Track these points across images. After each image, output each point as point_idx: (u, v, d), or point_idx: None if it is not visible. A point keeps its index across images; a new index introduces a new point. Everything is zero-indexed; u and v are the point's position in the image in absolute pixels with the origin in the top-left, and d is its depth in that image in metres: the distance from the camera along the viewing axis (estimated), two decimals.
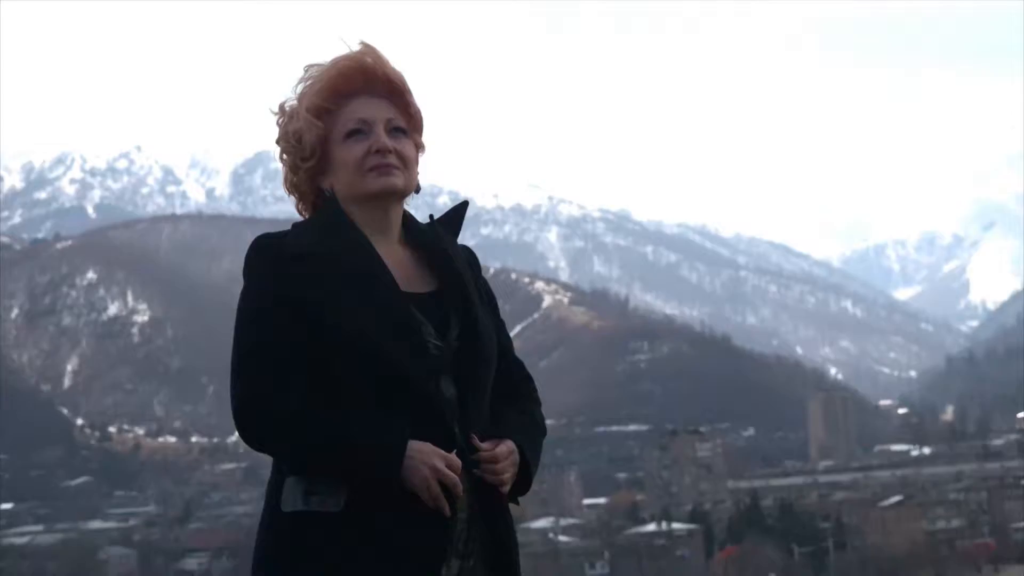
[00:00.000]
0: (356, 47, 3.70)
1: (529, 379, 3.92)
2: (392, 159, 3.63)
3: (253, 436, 3.56)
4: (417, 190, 3.76)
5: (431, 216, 3.84)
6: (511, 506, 3.72)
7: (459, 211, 3.87)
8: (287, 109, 3.73)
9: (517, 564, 3.72)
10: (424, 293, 3.65)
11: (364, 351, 3.49)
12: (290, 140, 3.70)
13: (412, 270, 3.69)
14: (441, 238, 3.75)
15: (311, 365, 3.52)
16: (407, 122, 3.72)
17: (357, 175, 3.63)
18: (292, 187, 3.78)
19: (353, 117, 3.65)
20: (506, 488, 3.63)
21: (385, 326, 3.52)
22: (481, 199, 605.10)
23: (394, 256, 3.67)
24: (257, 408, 3.51)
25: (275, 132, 3.76)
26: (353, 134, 3.64)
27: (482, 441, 3.60)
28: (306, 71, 3.72)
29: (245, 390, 3.52)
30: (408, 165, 3.67)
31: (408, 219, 3.78)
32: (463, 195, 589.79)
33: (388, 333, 3.51)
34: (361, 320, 3.51)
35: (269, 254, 3.59)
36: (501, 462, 3.59)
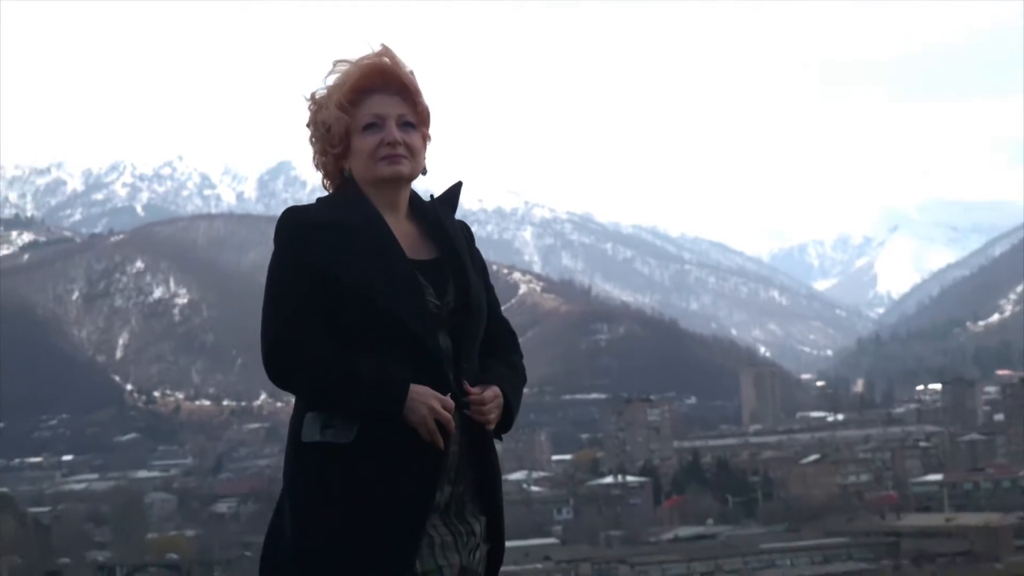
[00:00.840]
0: (377, 48, 3.80)
1: (513, 334, 4.05)
2: (400, 150, 3.73)
3: (279, 375, 3.64)
4: (424, 172, 3.86)
5: (431, 195, 3.92)
6: (495, 442, 3.81)
7: (455, 190, 3.98)
8: (318, 98, 3.82)
9: (499, 490, 3.84)
10: (426, 260, 3.75)
11: (375, 308, 3.60)
12: (319, 128, 3.81)
13: (416, 241, 3.79)
14: (440, 214, 3.87)
15: (329, 318, 3.62)
16: (416, 117, 3.80)
17: (371, 162, 3.74)
18: (320, 165, 3.87)
19: (370, 112, 3.74)
20: (491, 426, 3.73)
21: (393, 287, 3.63)
22: (468, 203, 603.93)
23: (401, 229, 3.77)
24: (283, 351, 3.60)
25: (303, 116, 3.87)
26: (369, 127, 3.73)
27: (472, 386, 3.69)
28: (334, 65, 3.81)
29: (274, 336, 3.62)
30: (415, 154, 3.77)
31: (414, 197, 3.88)
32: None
33: (395, 293, 3.62)
34: (373, 281, 3.62)
35: (297, 223, 3.71)
36: (487, 404, 3.69)
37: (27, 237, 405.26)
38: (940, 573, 79.28)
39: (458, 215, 3.95)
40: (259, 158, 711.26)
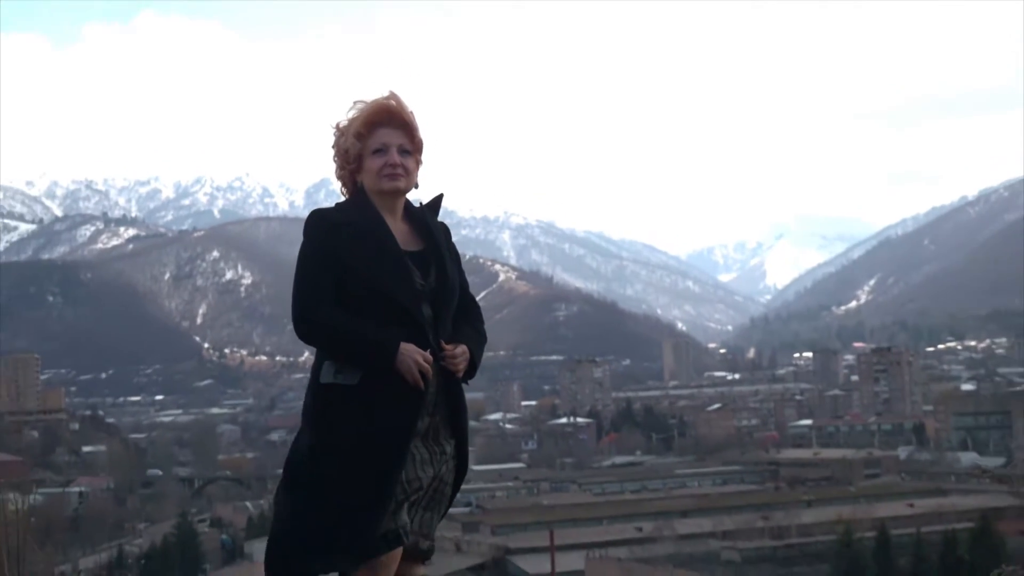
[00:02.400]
0: (387, 93, 4.01)
1: (478, 307, 4.15)
2: (399, 171, 3.92)
3: (304, 334, 3.83)
4: (416, 187, 4.02)
5: (420, 202, 4.08)
6: (463, 385, 4.00)
7: (438, 199, 4.14)
8: (340, 127, 4.01)
9: (466, 421, 4.01)
10: (414, 251, 3.93)
11: (376, 286, 3.80)
12: (340, 151, 4.02)
13: (408, 236, 3.95)
14: (426, 216, 4.04)
15: (341, 292, 3.81)
16: (412, 146, 3.97)
17: (377, 178, 3.92)
18: (339, 178, 4.06)
19: (378, 141, 3.93)
20: (460, 374, 3.92)
21: (389, 270, 3.82)
22: (462, 212, 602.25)
23: (397, 227, 3.94)
24: (306, 316, 3.81)
25: (331, 140, 4.06)
26: (377, 151, 3.92)
27: (446, 344, 3.88)
28: (354, 104, 4.00)
29: (299, 305, 3.82)
30: (409, 174, 3.94)
31: (408, 204, 4.04)
32: (449, 206, 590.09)
33: (391, 275, 3.82)
34: (374, 266, 3.82)
35: (319, 221, 3.89)
36: (458, 358, 3.88)
37: (131, 232, 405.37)
38: (808, 493, 79.40)
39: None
40: (306, 176, 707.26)
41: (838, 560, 52.11)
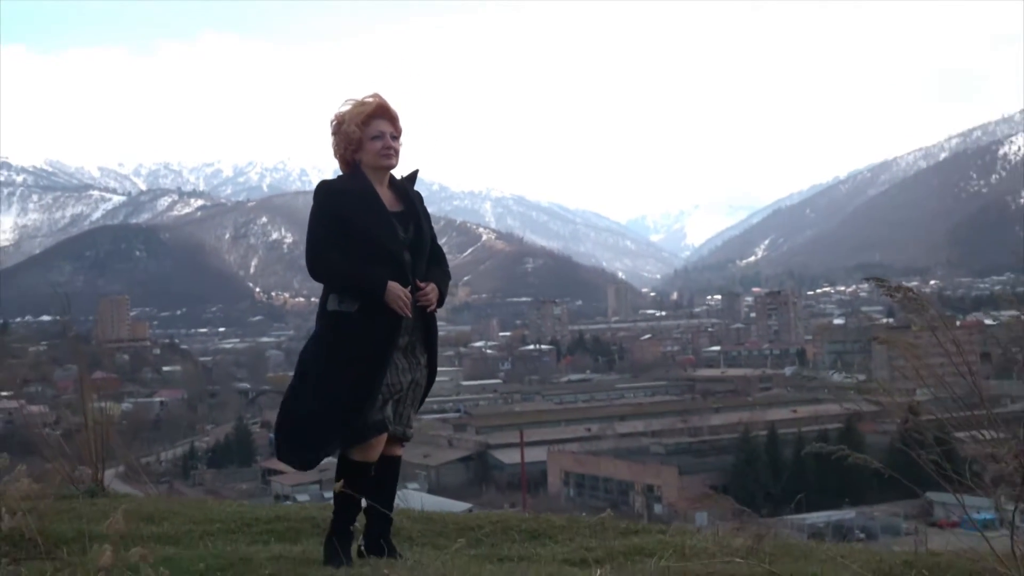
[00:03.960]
0: (375, 93, 4.05)
1: (443, 253, 4.17)
2: (391, 151, 3.97)
3: (314, 273, 3.89)
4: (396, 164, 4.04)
5: (401, 176, 4.10)
6: (435, 313, 4.04)
7: (414, 173, 4.17)
8: (338, 117, 4.01)
9: (436, 340, 4.07)
10: (397, 211, 3.96)
11: (369, 237, 3.85)
12: (342, 135, 4.01)
13: (392, 200, 3.98)
14: (405, 186, 4.09)
15: (343, 243, 3.85)
16: (397, 134, 4.00)
17: (376, 157, 3.96)
18: (339, 156, 4.07)
19: (376, 129, 3.95)
20: (431, 306, 3.97)
21: (379, 226, 3.88)
22: (453, 187, 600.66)
23: (384, 194, 3.98)
24: (316, 259, 3.88)
25: (332, 128, 4.07)
26: (375, 137, 3.96)
27: (421, 282, 3.94)
28: (346, 101, 4.02)
29: (311, 252, 3.90)
30: (397, 154, 3.99)
31: (391, 177, 4.06)
32: (443, 183, 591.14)
33: (380, 229, 3.87)
34: (368, 222, 3.87)
35: (326, 189, 3.97)
36: (430, 293, 3.93)
37: (199, 202, 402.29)
38: (717, 402, 79.86)
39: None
40: (335, 160, 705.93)
41: (739, 452, 52.54)
